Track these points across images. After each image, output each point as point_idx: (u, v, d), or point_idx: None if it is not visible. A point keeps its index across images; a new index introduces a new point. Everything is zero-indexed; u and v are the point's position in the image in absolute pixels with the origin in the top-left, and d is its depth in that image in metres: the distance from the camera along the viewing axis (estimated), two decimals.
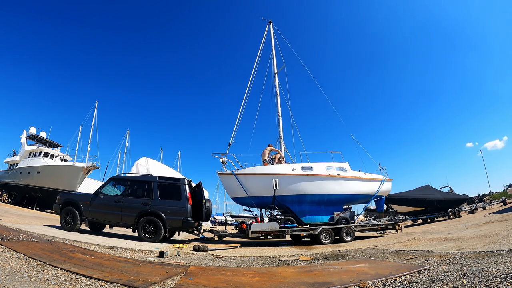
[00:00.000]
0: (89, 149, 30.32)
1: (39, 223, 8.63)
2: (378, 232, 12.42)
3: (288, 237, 10.90)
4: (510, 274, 2.75)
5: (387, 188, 12.62)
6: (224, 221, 30.28)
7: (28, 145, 27.63)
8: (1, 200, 25.55)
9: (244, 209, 13.82)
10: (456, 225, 12.56)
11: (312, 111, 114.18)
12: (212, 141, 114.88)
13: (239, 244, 8.86)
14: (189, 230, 8.53)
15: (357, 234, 10.81)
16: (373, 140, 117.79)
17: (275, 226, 9.60)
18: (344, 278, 3.41)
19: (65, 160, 27.06)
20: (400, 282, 3.09)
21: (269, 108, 14.80)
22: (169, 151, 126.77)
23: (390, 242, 8.45)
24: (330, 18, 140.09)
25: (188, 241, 9.20)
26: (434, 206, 18.92)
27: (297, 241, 11.05)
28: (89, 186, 19.69)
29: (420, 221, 19.93)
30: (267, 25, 16.21)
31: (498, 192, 33.27)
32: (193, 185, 8.94)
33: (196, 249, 6.91)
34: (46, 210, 19.72)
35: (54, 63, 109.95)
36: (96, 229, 8.67)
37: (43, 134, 28.65)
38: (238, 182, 10.86)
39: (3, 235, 4.71)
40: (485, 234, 7.30)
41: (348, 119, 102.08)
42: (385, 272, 3.60)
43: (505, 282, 2.52)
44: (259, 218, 11.71)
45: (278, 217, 10.79)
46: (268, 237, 9.59)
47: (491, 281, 2.60)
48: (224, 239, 11.14)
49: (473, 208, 21.71)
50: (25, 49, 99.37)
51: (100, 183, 12.57)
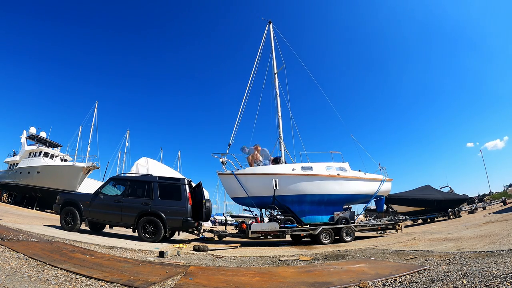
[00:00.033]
0: (89, 149, 30.35)
1: (39, 223, 8.63)
2: (378, 232, 12.43)
3: (288, 237, 10.90)
4: (510, 274, 2.75)
5: (387, 188, 12.62)
6: (224, 221, 30.29)
7: (28, 145, 27.64)
8: (1, 200, 25.54)
9: (244, 209, 13.84)
10: (456, 225, 12.57)
11: (312, 111, 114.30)
12: (212, 141, 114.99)
13: (239, 244, 8.86)
14: (189, 230, 8.53)
15: (357, 234, 10.81)
16: (373, 140, 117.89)
17: (275, 226, 9.60)
18: (344, 278, 3.41)
19: (65, 160, 27.08)
20: (400, 282, 3.09)
21: (269, 108, 14.81)
22: (169, 151, 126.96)
23: (390, 242, 8.46)
24: (330, 18, 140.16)
25: (188, 241, 9.20)
26: (434, 206, 18.93)
27: (297, 241, 11.05)
28: (89, 186, 19.70)
29: (420, 221, 19.93)
30: (267, 25, 16.22)
31: (498, 192, 33.29)
32: (193, 185, 8.95)
33: (196, 249, 6.91)
34: (46, 210, 19.73)
35: (54, 63, 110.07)
36: (96, 229, 8.67)
37: (43, 134, 28.68)
38: (238, 182, 10.87)
39: (3, 235, 4.71)
40: (485, 234, 7.30)
41: (348, 119, 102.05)
42: (385, 272, 3.60)
43: (505, 282, 2.52)
44: (259, 218, 11.72)
45: (278, 217, 10.79)
46: (268, 237, 9.60)
47: (491, 281, 2.60)
48: (224, 239, 11.15)
49: (473, 208, 21.73)
50: (25, 49, 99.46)
51: (100, 183, 12.58)
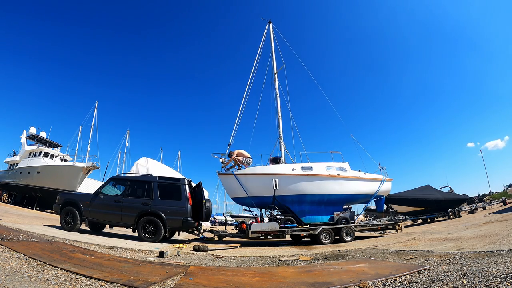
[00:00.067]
0: (89, 149, 30.37)
1: (39, 223, 8.63)
2: (378, 232, 12.43)
3: (288, 237, 10.90)
4: (510, 274, 2.75)
5: (387, 188, 12.62)
6: (224, 221, 30.28)
7: (28, 145, 27.64)
8: (1, 200, 25.54)
9: (244, 209, 13.84)
10: (456, 225, 12.56)
11: (312, 111, 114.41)
12: (212, 141, 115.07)
13: (239, 244, 8.86)
14: (189, 230, 8.53)
15: (357, 234, 10.81)
16: (373, 140, 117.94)
17: (275, 226, 9.60)
18: (344, 278, 3.41)
19: (65, 160, 27.07)
20: (400, 282, 3.09)
21: (269, 108, 14.83)
22: (169, 151, 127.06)
23: (390, 242, 8.45)
24: (330, 18, 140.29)
25: (188, 241, 9.20)
26: (434, 206, 18.92)
27: (297, 241, 11.05)
28: (89, 186, 19.70)
29: (420, 221, 19.93)
30: (267, 25, 16.24)
31: (498, 192, 33.28)
32: (193, 185, 8.95)
33: (196, 249, 6.91)
34: (46, 210, 19.73)
35: (54, 63, 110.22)
36: (96, 229, 8.67)
37: (43, 134, 28.68)
38: (238, 182, 10.87)
39: (3, 235, 4.71)
40: (485, 234, 7.30)
41: (348, 119, 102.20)
42: (385, 272, 3.60)
43: (505, 282, 2.52)
44: (259, 218, 11.72)
45: (278, 217, 10.79)
46: (268, 237, 9.60)
47: (491, 281, 2.60)
48: (224, 239, 11.15)
49: (473, 208, 21.72)
50: (25, 49, 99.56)
51: (100, 183, 12.57)
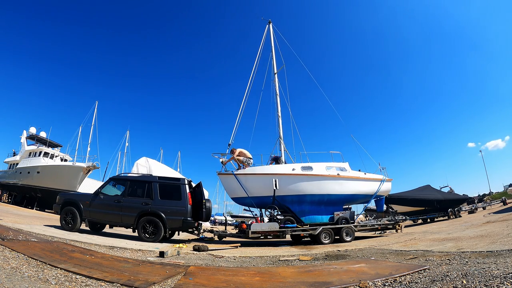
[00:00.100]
0: (89, 149, 30.38)
1: (39, 223, 8.63)
2: (378, 232, 12.42)
3: (288, 237, 10.90)
4: (510, 274, 2.75)
5: (387, 188, 12.62)
6: (224, 221, 30.28)
7: (28, 145, 27.63)
8: (1, 200, 25.54)
9: (244, 209, 13.83)
10: (456, 225, 12.56)
11: (312, 111, 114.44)
12: (212, 141, 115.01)
13: (239, 244, 8.86)
14: (189, 230, 8.53)
15: (357, 234, 10.81)
16: (373, 140, 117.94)
17: (275, 226, 9.60)
18: (344, 278, 3.41)
19: (65, 160, 27.07)
20: (400, 282, 3.09)
21: (269, 108, 14.83)
22: (169, 151, 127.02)
23: (390, 242, 8.45)
24: (330, 18, 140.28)
25: (188, 241, 9.20)
26: (434, 206, 18.92)
27: (297, 241, 11.05)
28: (89, 186, 19.70)
29: (420, 221, 19.93)
30: (267, 25, 16.24)
31: (498, 192, 33.29)
32: (193, 185, 8.95)
33: (196, 249, 6.91)
34: (46, 210, 19.72)
35: (54, 63, 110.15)
36: (96, 229, 8.67)
37: (43, 134, 28.67)
38: (238, 182, 10.87)
39: (3, 235, 4.71)
40: (485, 234, 7.30)
41: (348, 119, 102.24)
42: (385, 272, 3.60)
43: (505, 282, 2.52)
44: (259, 218, 11.72)
45: (278, 217, 10.79)
46: (268, 237, 9.60)
47: (491, 281, 2.60)
48: (224, 239, 11.15)
49: (473, 208, 21.72)
50: (25, 49, 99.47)
51: (100, 183, 12.57)
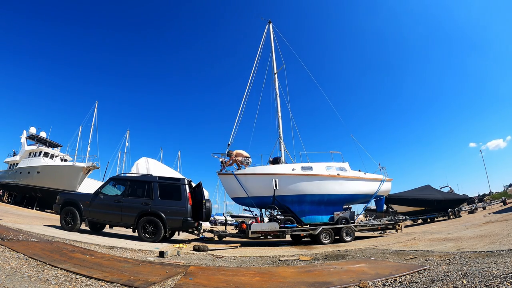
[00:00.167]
0: (89, 149, 30.39)
1: (39, 223, 8.62)
2: (378, 232, 12.43)
3: (288, 237, 10.90)
4: (510, 274, 2.75)
5: (387, 188, 12.62)
6: (224, 221, 30.27)
7: (28, 145, 27.63)
8: (1, 200, 25.53)
9: (244, 209, 13.84)
10: (456, 225, 12.56)
11: (312, 111, 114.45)
12: (212, 141, 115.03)
13: (239, 244, 8.86)
14: (189, 230, 8.53)
15: (357, 234, 10.81)
16: (373, 140, 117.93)
17: (275, 226, 9.60)
18: (344, 278, 3.41)
19: (65, 160, 27.07)
20: (400, 282, 3.09)
21: (269, 108, 14.85)
22: (169, 151, 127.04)
23: (390, 242, 8.45)
24: (330, 18, 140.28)
25: (188, 241, 9.20)
26: (434, 206, 18.92)
27: (297, 241, 11.05)
28: (89, 186, 19.70)
29: (420, 221, 19.93)
30: (267, 25, 16.25)
31: (498, 192, 33.29)
32: (193, 185, 8.95)
33: (196, 249, 6.91)
34: (46, 210, 19.72)
35: (54, 63, 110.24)
36: (96, 229, 8.67)
37: (43, 134, 28.67)
38: (238, 182, 10.87)
39: (3, 235, 4.71)
40: (485, 234, 7.30)
41: (348, 119, 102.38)
42: (385, 272, 3.60)
43: (505, 282, 2.52)
44: (259, 218, 11.72)
45: (278, 217, 10.79)
46: (268, 237, 9.60)
47: (491, 281, 2.60)
48: (224, 239, 11.15)
49: (473, 208, 21.72)
50: (25, 49, 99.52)
51: (100, 183, 12.57)
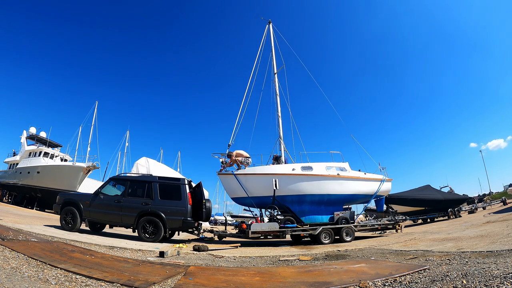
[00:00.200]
0: (89, 149, 30.42)
1: (39, 223, 8.62)
2: (378, 232, 12.42)
3: (288, 237, 10.90)
4: (510, 274, 2.75)
5: (387, 188, 12.62)
6: (224, 221, 30.28)
7: (28, 145, 27.64)
8: (1, 200, 25.52)
9: (244, 209, 13.83)
10: (456, 225, 12.56)
11: (312, 111, 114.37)
12: (212, 141, 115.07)
13: (239, 244, 8.87)
14: (189, 230, 8.53)
15: (357, 234, 10.81)
16: (373, 140, 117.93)
17: (275, 226, 9.60)
18: (344, 278, 3.41)
19: (65, 160, 27.07)
20: (400, 282, 3.09)
21: (269, 108, 14.85)
22: (169, 151, 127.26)
23: (390, 242, 8.45)
24: (330, 18, 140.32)
25: (188, 241, 9.20)
26: (434, 206, 18.93)
27: (297, 241, 11.05)
28: (89, 186, 19.70)
29: (420, 221, 19.93)
30: (267, 25, 16.25)
31: (498, 192, 33.30)
32: (193, 185, 8.95)
33: (196, 249, 6.91)
34: (46, 210, 19.72)
35: (54, 63, 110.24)
36: (96, 229, 8.67)
37: (43, 134, 28.67)
38: (238, 182, 10.87)
39: (3, 235, 4.71)
40: (485, 234, 7.30)
41: (348, 119, 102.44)
42: (385, 272, 3.60)
43: (505, 282, 2.52)
44: (259, 218, 11.72)
45: (278, 217, 10.79)
46: (268, 237, 9.60)
47: (491, 281, 2.60)
48: (224, 239, 11.15)
49: (473, 208, 21.72)
50: (25, 49, 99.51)
51: (100, 183, 12.57)
